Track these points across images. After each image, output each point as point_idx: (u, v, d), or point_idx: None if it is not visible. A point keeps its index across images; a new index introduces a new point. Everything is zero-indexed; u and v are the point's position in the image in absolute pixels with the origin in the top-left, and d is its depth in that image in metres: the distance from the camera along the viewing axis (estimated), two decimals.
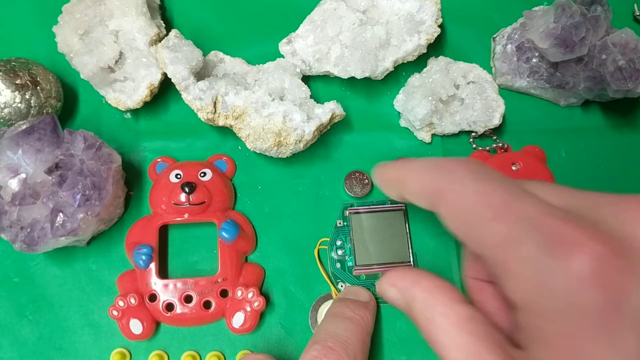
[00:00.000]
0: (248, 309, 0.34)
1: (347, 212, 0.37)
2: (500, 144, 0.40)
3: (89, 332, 0.34)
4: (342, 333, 0.29)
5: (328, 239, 0.37)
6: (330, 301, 0.35)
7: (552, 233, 0.19)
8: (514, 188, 0.21)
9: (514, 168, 0.38)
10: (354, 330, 0.30)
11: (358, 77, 0.38)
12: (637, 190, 0.40)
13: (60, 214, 0.31)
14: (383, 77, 0.39)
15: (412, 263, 0.36)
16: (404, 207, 0.37)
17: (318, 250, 0.37)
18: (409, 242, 0.37)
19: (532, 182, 0.23)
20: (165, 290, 0.34)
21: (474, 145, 0.40)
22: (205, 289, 0.34)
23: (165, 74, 0.37)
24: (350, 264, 0.36)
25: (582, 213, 0.20)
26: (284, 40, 0.40)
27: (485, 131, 0.39)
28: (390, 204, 0.38)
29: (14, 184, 0.32)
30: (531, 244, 0.19)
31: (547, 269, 0.19)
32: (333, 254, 0.36)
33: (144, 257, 0.33)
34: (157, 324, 0.35)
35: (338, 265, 0.36)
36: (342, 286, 0.36)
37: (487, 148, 0.40)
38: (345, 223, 0.37)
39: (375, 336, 0.35)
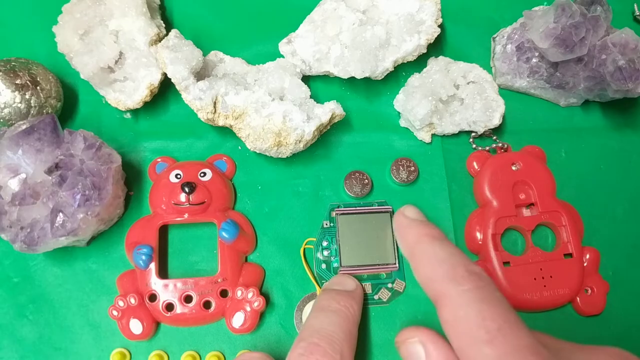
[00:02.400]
0: (248, 309, 0.34)
1: (333, 213, 0.37)
2: (500, 144, 0.40)
3: (89, 332, 0.34)
4: (327, 327, 0.29)
5: (314, 239, 0.37)
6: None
7: None
8: (512, 317, 0.22)
9: (514, 168, 0.38)
10: (339, 323, 0.30)
11: (358, 77, 0.38)
12: (637, 190, 0.40)
13: (60, 214, 0.31)
14: (383, 77, 0.39)
15: (397, 265, 0.36)
16: (390, 209, 0.37)
17: (304, 249, 0.37)
18: (395, 244, 0.36)
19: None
20: (165, 290, 0.34)
21: (474, 145, 0.40)
22: (205, 289, 0.34)
23: (165, 74, 0.37)
24: (335, 264, 0.36)
25: (561, 355, 0.23)
26: (284, 40, 0.40)
27: (485, 131, 0.39)
28: (377, 205, 0.38)
29: (14, 184, 0.32)
30: None
31: None
32: (319, 255, 0.36)
33: (144, 257, 0.34)
34: (157, 324, 0.34)
35: (323, 266, 0.36)
36: None
37: (487, 148, 0.40)
38: (331, 224, 0.37)
39: (376, 336, 0.35)
